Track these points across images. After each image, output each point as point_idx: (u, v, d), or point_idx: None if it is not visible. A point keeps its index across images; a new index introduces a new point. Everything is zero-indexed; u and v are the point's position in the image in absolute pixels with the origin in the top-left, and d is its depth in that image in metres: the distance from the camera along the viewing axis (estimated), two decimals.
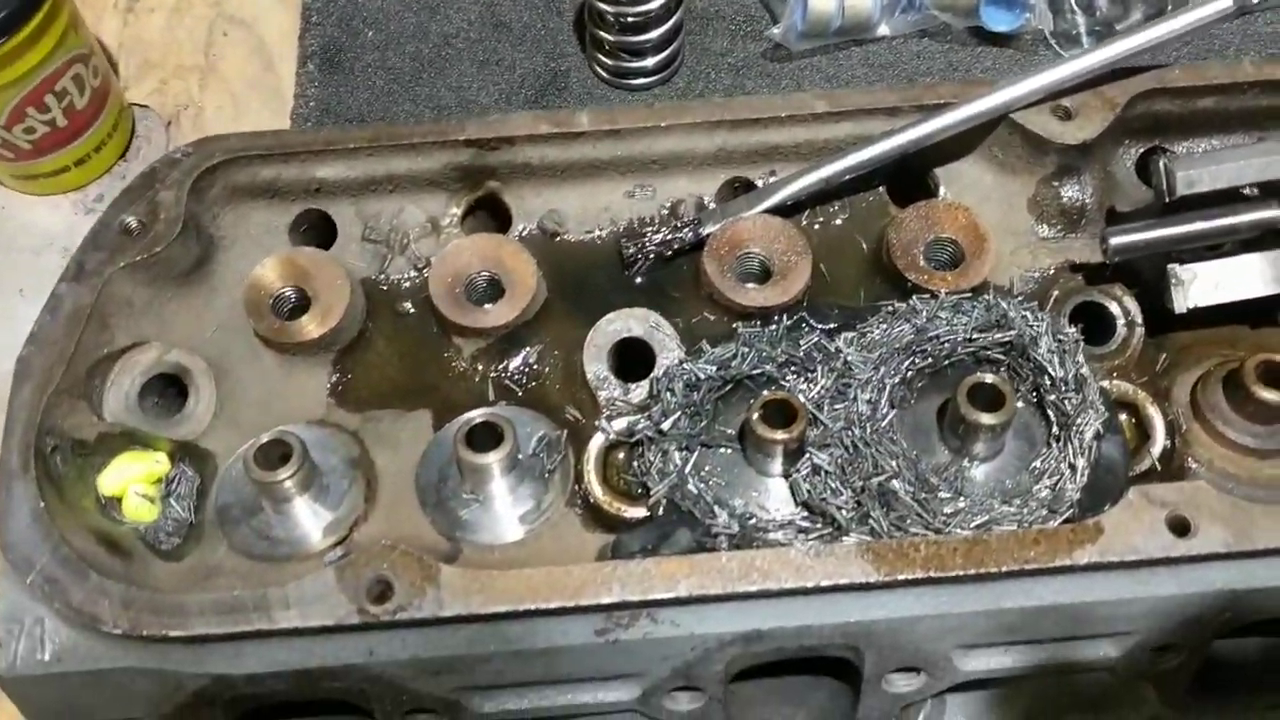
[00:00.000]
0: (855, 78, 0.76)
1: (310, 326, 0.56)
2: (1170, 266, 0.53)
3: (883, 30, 0.76)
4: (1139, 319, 0.56)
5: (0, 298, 0.76)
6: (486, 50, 0.78)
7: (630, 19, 0.70)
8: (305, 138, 0.58)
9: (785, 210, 0.59)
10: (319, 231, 0.61)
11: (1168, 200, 0.52)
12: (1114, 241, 0.53)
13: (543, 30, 0.78)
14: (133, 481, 0.55)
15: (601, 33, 0.73)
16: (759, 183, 0.60)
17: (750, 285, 0.57)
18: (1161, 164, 0.52)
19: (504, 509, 0.53)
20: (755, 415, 0.50)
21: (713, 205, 0.60)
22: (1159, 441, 0.53)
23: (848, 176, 0.58)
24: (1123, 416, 0.54)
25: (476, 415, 0.52)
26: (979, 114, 0.56)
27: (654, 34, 0.72)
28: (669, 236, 0.58)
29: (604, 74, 0.76)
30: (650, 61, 0.74)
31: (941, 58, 0.76)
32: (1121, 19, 0.75)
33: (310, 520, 0.53)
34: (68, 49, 0.73)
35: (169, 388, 0.57)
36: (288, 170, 0.59)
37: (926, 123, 0.56)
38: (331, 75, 0.78)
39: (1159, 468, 0.53)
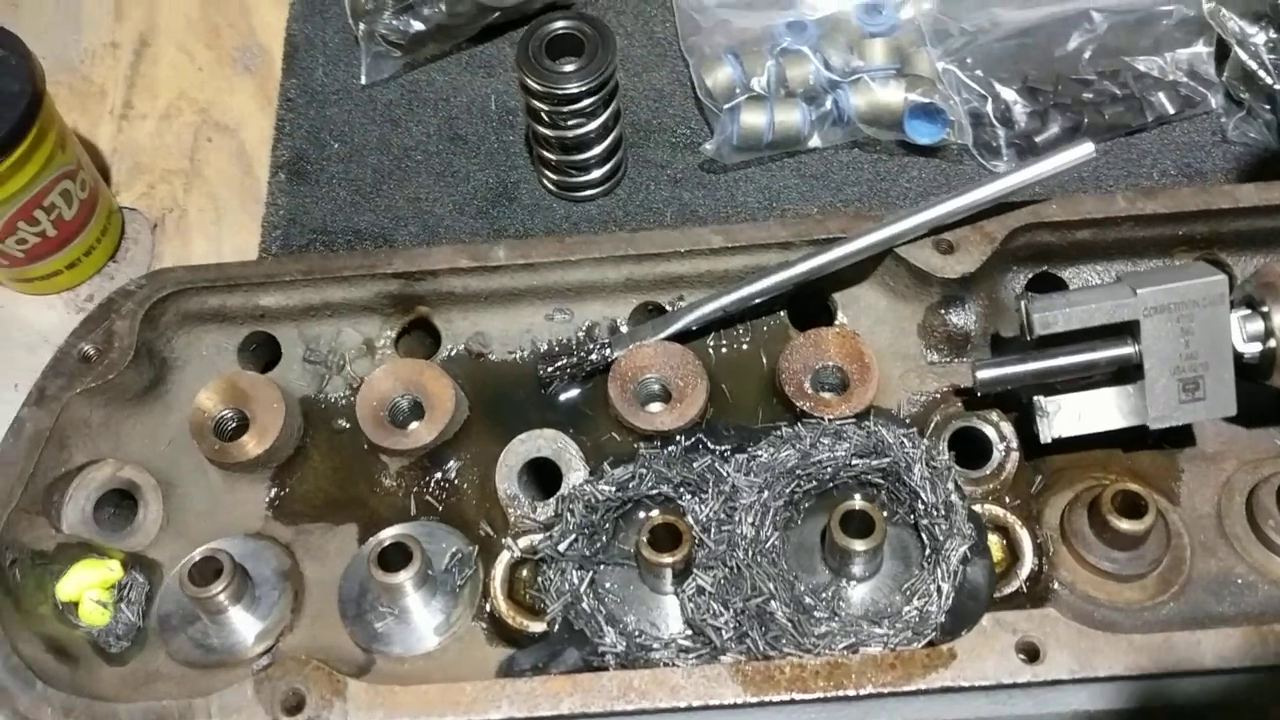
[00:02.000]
0: (788, 187, 0.80)
1: (249, 446, 0.61)
2: (1035, 398, 0.57)
3: (814, 142, 0.80)
4: (1015, 443, 0.59)
5: None
6: (443, 162, 0.83)
7: (570, 140, 0.75)
8: (246, 270, 0.63)
9: (692, 334, 0.63)
10: (266, 350, 0.66)
11: (1028, 339, 0.56)
12: (981, 375, 0.57)
13: (496, 144, 0.83)
14: (88, 588, 0.60)
15: (545, 151, 0.77)
16: (668, 307, 0.64)
17: (651, 408, 0.61)
18: (1023, 305, 0.56)
19: (417, 622, 0.57)
20: (644, 538, 0.55)
21: (624, 329, 0.65)
22: (1027, 564, 0.57)
23: (745, 305, 0.62)
24: (995, 539, 0.58)
25: (388, 535, 0.57)
26: (864, 248, 0.60)
27: (594, 152, 0.76)
28: (579, 360, 0.63)
29: (550, 187, 0.80)
30: (593, 175, 0.78)
31: (870, 168, 0.80)
32: (1040, 131, 0.78)
33: (242, 629, 0.58)
34: (55, 167, 0.78)
35: (123, 500, 0.63)
36: (233, 299, 0.64)
37: (816, 258, 0.61)
38: (299, 185, 0.83)
39: (1025, 589, 0.56)
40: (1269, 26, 0.78)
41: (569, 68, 0.71)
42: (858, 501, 0.55)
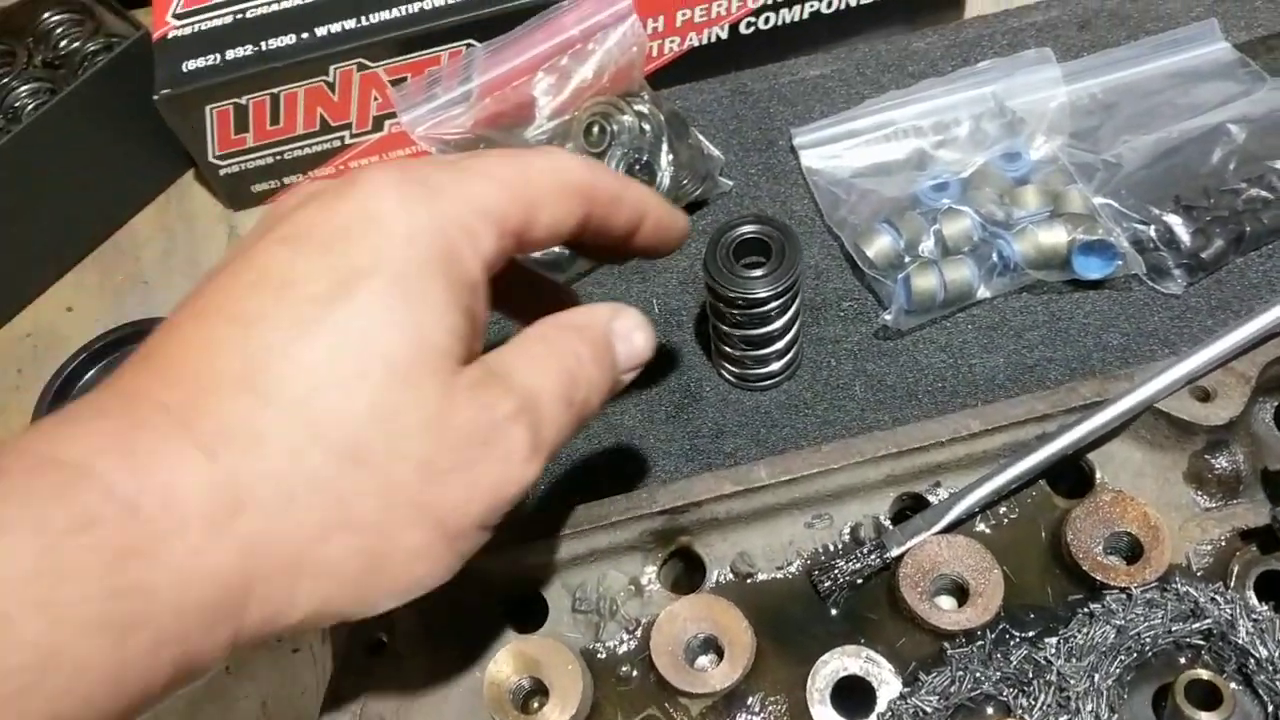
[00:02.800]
0: (967, 341, 0.81)
1: (553, 714, 0.60)
2: None
3: (982, 293, 0.81)
4: None
5: None
6: None
7: (756, 338, 0.76)
8: (512, 535, 0.63)
9: (960, 521, 0.63)
10: (530, 607, 0.66)
11: None
12: None
13: (668, 346, 0.84)
14: None
15: (726, 347, 0.78)
16: (929, 497, 0.64)
17: (948, 607, 0.61)
18: None
19: None
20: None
21: (888, 524, 0.64)
22: None
23: (1017, 485, 0.62)
24: None
25: None
26: (1127, 410, 0.61)
27: (778, 346, 0.77)
28: (859, 565, 0.62)
29: (732, 379, 0.81)
30: (775, 366, 0.79)
31: (1043, 309, 0.81)
32: (1205, 247, 0.80)
33: None
34: None
35: None
36: (498, 562, 0.64)
37: (1080, 426, 0.61)
38: None
39: None
40: None
41: (757, 273, 0.72)
42: (1202, 672, 0.54)
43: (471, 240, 0.44)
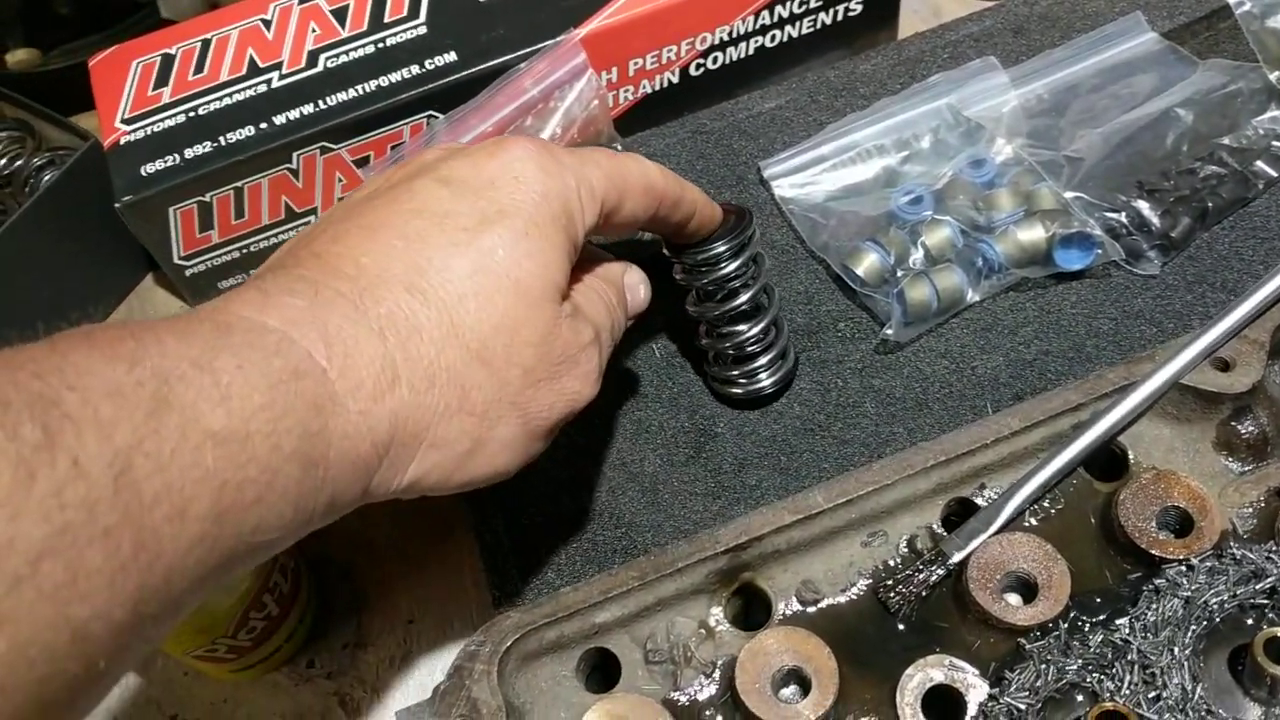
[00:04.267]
0: (966, 345, 0.83)
1: None
2: None
3: (972, 298, 0.84)
4: None
5: None
6: (633, 421, 0.83)
7: (731, 316, 0.77)
8: (581, 594, 0.63)
9: (1012, 519, 0.64)
10: (601, 665, 0.65)
11: None
12: None
13: (675, 388, 0.85)
14: None
15: (711, 343, 0.80)
16: (975, 500, 0.66)
17: (1019, 603, 0.62)
18: None
19: None
20: None
21: (942, 532, 0.66)
22: None
23: (1063, 476, 0.64)
24: None
25: None
26: (1156, 390, 0.63)
27: (755, 330, 0.78)
28: (925, 575, 0.63)
29: (732, 392, 0.81)
30: (762, 361, 0.80)
31: (1032, 305, 0.84)
32: (1174, 228, 0.83)
33: None
34: None
35: None
36: (569, 626, 0.63)
37: (1114, 411, 0.63)
38: None
39: None
40: None
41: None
42: (1278, 629, 0.56)
43: (582, 210, 0.54)
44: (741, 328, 0.78)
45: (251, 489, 0.41)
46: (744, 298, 0.77)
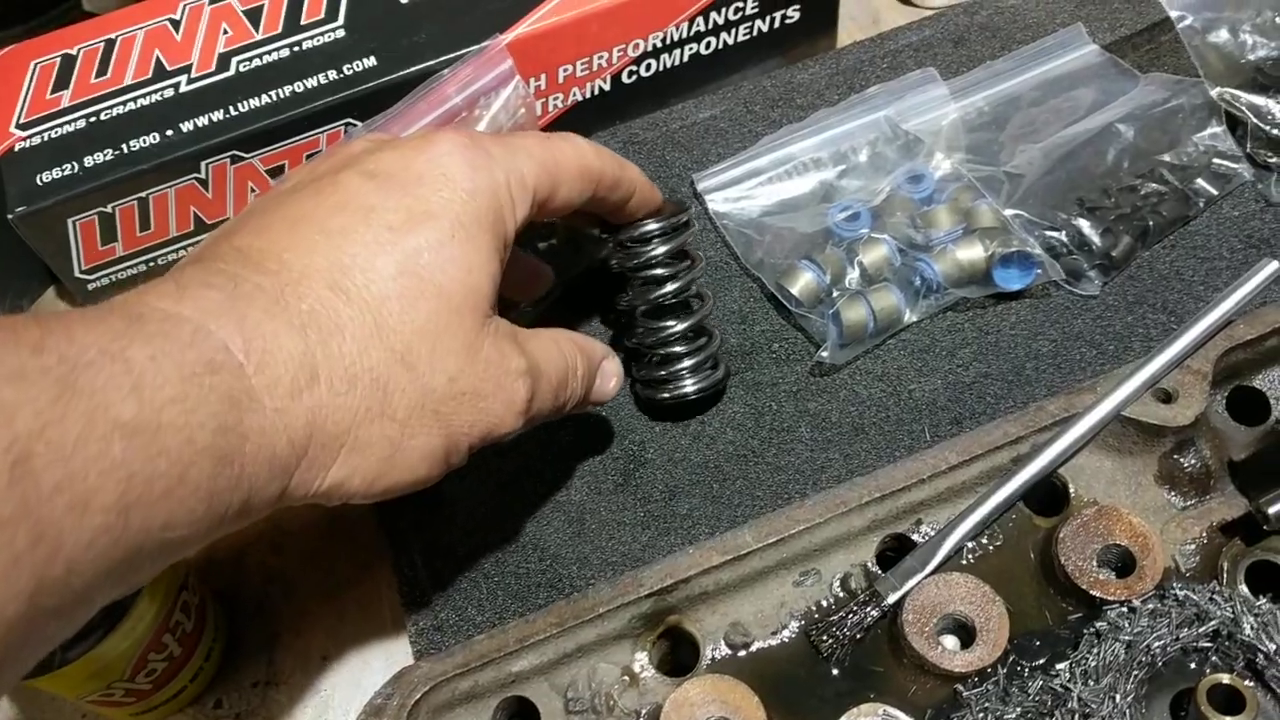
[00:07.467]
0: (903, 368, 0.80)
1: None
2: None
3: (909, 318, 0.81)
4: None
5: None
6: (562, 445, 0.80)
7: (658, 304, 0.75)
8: (496, 642, 0.59)
9: (949, 556, 0.62)
10: (520, 714, 0.62)
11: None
12: (1273, 511, 0.57)
13: (603, 412, 0.81)
14: None
15: (645, 371, 0.77)
16: (912, 536, 0.63)
17: (954, 647, 0.59)
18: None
19: None
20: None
21: (876, 570, 0.63)
22: None
23: (1002, 512, 0.61)
24: None
25: None
26: (1099, 423, 0.61)
27: (684, 324, 0.76)
28: (858, 617, 0.60)
29: (660, 396, 0.78)
30: (689, 388, 0.77)
31: (970, 326, 0.82)
32: (1114, 247, 0.81)
33: None
34: (179, 576, 0.72)
35: None
36: (484, 675, 0.59)
37: (1056, 444, 0.61)
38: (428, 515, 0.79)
39: None
40: (1275, 95, 0.84)
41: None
42: (1222, 676, 0.54)
43: (512, 205, 0.53)
44: (669, 322, 0.75)
45: (161, 482, 0.39)
46: (670, 287, 0.74)
